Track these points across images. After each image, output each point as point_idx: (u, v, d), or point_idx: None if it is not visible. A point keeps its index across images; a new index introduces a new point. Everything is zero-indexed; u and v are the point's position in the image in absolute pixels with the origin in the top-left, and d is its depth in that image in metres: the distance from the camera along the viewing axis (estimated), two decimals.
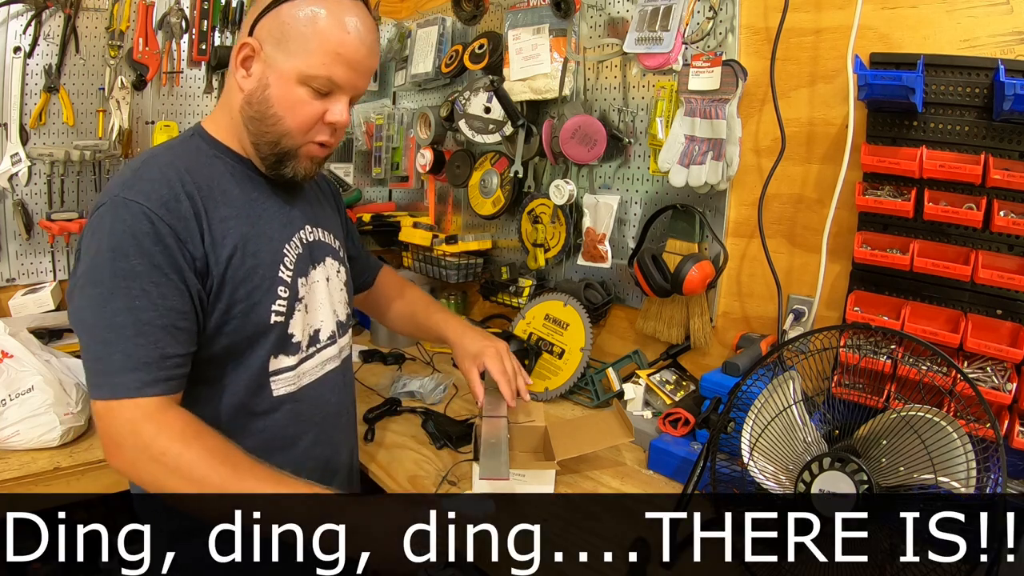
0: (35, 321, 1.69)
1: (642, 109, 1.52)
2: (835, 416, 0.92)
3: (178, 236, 0.79)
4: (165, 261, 0.78)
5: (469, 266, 1.93)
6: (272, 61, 0.84)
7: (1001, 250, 1.04)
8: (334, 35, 0.82)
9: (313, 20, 0.82)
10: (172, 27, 1.97)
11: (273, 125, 0.86)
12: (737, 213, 1.40)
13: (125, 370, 0.75)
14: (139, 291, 0.76)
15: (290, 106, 0.85)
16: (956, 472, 0.76)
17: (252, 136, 0.89)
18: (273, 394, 0.92)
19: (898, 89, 1.02)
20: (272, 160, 0.90)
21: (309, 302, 0.96)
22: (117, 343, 0.75)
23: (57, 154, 1.82)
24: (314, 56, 0.82)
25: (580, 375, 1.52)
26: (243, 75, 0.86)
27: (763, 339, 1.30)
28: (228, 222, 0.85)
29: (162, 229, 0.78)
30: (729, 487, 0.98)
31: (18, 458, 1.23)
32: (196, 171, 0.85)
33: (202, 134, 0.92)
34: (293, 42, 0.82)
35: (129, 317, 0.76)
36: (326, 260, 1.01)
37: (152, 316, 0.77)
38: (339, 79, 0.85)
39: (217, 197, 0.85)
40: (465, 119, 1.82)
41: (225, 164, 0.90)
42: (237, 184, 0.89)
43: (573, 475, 1.20)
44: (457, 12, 1.90)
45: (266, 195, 0.93)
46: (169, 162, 0.84)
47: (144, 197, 0.78)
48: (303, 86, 0.84)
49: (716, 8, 1.34)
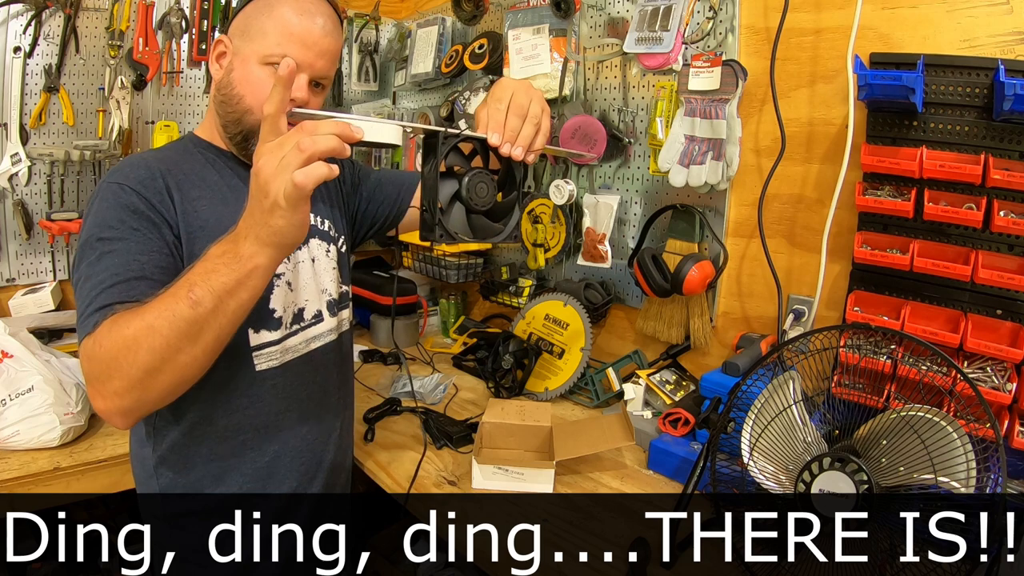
0: (35, 321, 1.69)
1: (642, 109, 1.52)
2: (835, 416, 0.92)
3: (151, 203, 0.87)
4: (141, 222, 0.85)
5: (469, 266, 1.93)
6: (238, 51, 0.93)
7: (1001, 250, 1.04)
8: (287, 17, 0.90)
9: (272, 8, 0.91)
10: (172, 27, 1.97)
11: (236, 104, 0.93)
12: (737, 213, 1.40)
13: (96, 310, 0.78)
14: (120, 248, 0.82)
15: (251, 85, 0.91)
16: (956, 472, 0.75)
17: (221, 119, 0.96)
18: (256, 369, 0.96)
19: (898, 89, 1.02)
20: (239, 139, 0.96)
21: (292, 280, 1.00)
22: (95, 293, 0.80)
23: (57, 154, 1.82)
24: (270, 37, 0.90)
25: (580, 375, 1.52)
26: (216, 69, 0.95)
27: (763, 339, 1.30)
28: (201, 201, 0.92)
29: (137, 200, 0.86)
30: (729, 487, 0.97)
31: (18, 458, 1.23)
32: (176, 163, 0.94)
33: (191, 138, 1.02)
34: (253, 29, 0.91)
35: (108, 272, 0.81)
36: (310, 241, 1.04)
37: (129, 269, 0.81)
38: (295, 56, 0.89)
39: (194, 181, 0.93)
40: (465, 119, 1.82)
41: (207, 158, 0.98)
42: (217, 172, 0.97)
43: (573, 475, 1.20)
44: (457, 12, 1.90)
45: (247, 180, 0.93)
46: (153, 155, 0.96)
47: (123, 177, 0.88)
48: (263, 66, 0.91)
49: (716, 8, 1.34)
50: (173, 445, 0.96)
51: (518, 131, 0.83)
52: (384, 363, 1.79)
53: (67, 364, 1.40)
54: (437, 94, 2.10)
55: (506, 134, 0.82)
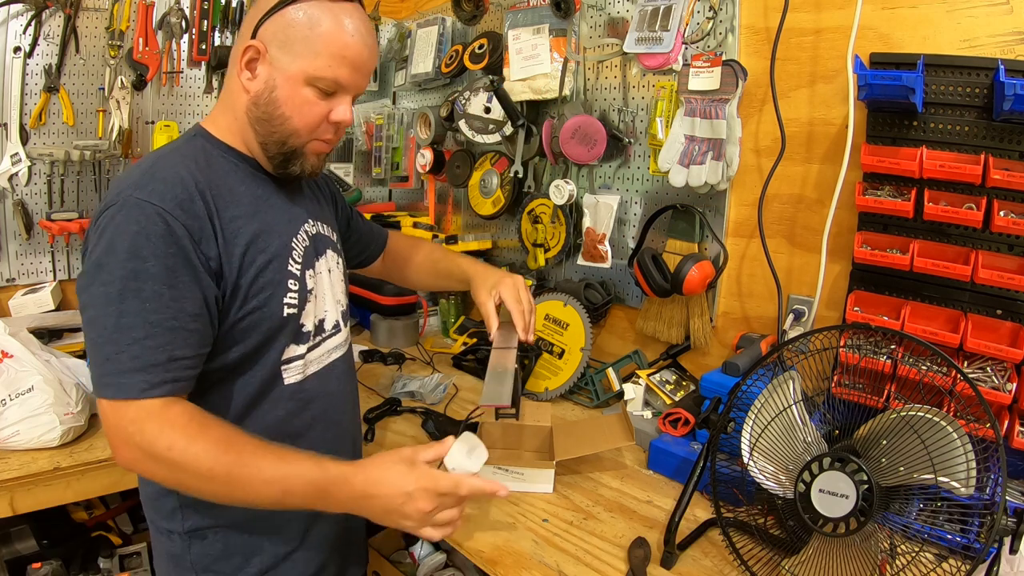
0: (35, 321, 1.69)
1: (642, 109, 1.52)
2: (835, 416, 0.92)
3: (192, 237, 0.80)
4: (179, 263, 0.78)
5: None
6: (277, 63, 0.86)
7: (1001, 250, 1.04)
8: (338, 38, 0.85)
9: (316, 23, 0.84)
10: (172, 27, 1.97)
11: (281, 125, 0.88)
12: (737, 213, 1.40)
13: (132, 371, 0.75)
14: (151, 293, 0.76)
15: (297, 106, 0.87)
16: (956, 472, 0.75)
17: (260, 136, 0.90)
18: (284, 383, 0.94)
19: (898, 89, 1.02)
20: (280, 159, 0.92)
21: (317, 292, 0.98)
22: (125, 343, 0.75)
23: (57, 154, 1.82)
24: (320, 58, 0.85)
25: (580, 375, 1.52)
26: (248, 77, 0.88)
27: (763, 339, 1.30)
28: (238, 221, 0.86)
29: (177, 230, 0.78)
30: (729, 487, 0.97)
31: (18, 458, 1.22)
32: (206, 170, 0.86)
33: (205, 135, 0.93)
34: (298, 44, 0.85)
35: (139, 319, 0.76)
36: (327, 252, 1.03)
37: (162, 318, 0.77)
38: (344, 80, 0.87)
39: (226, 196, 0.86)
40: (465, 119, 1.82)
41: (230, 163, 0.91)
42: (242, 182, 0.91)
43: (573, 475, 1.20)
44: (457, 12, 1.90)
45: (270, 192, 0.95)
46: (179, 162, 0.85)
47: (158, 197, 0.78)
48: (309, 87, 0.87)
49: (716, 8, 1.34)
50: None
51: (531, 323, 1.14)
52: (384, 363, 1.79)
53: (67, 364, 1.40)
54: (437, 94, 2.10)
55: (530, 329, 1.13)
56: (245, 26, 0.89)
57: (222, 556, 0.92)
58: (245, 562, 0.94)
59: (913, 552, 0.77)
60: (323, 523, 1.02)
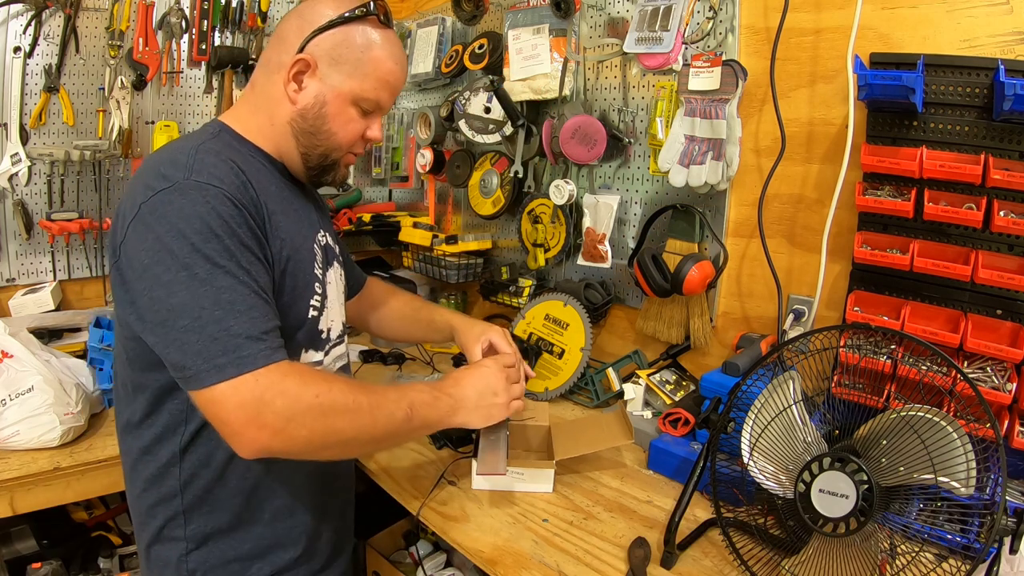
0: (35, 321, 1.69)
1: (642, 109, 1.52)
2: (835, 416, 0.92)
3: (255, 219, 0.82)
4: (252, 241, 0.81)
5: (469, 266, 1.93)
6: (328, 80, 0.91)
7: (1001, 250, 1.04)
8: (385, 63, 0.92)
9: (369, 47, 0.91)
10: (172, 27, 1.97)
11: (326, 139, 0.94)
12: (737, 213, 1.40)
13: (250, 341, 0.74)
14: (237, 268, 0.77)
15: (343, 123, 0.93)
16: (956, 472, 0.75)
17: (302, 147, 0.94)
18: None
19: (898, 89, 1.02)
20: (318, 170, 0.97)
21: (329, 300, 1.00)
22: (232, 319, 0.74)
23: (57, 154, 1.82)
24: (368, 80, 0.92)
25: (580, 375, 1.52)
26: (295, 89, 0.91)
27: (763, 339, 1.30)
28: (277, 216, 0.88)
29: (244, 211, 0.80)
30: (729, 487, 0.97)
31: (18, 458, 1.23)
32: (244, 164, 0.86)
33: (230, 132, 0.93)
34: (350, 65, 0.90)
35: (236, 293, 0.75)
36: (334, 263, 1.06)
37: (255, 290, 0.78)
38: (384, 103, 0.96)
39: (265, 191, 0.87)
40: (465, 119, 1.82)
41: (259, 162, 0.92)
42: (273, 183, 0.93)
43: (573, 475, 1.20)
44: (457, 12, 1.90)
45: (294, 196, 0.98)
46: (222, 150, 0.85)
47: (219, 180, 0.79)
48: (354, 106, 0.93)
49: (716, 8, 1.34)
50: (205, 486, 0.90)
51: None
52: (384, 363, 1.79)
53: (67, 364, 1.40)
54: (437, 94, 2.10)
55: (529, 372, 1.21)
56: (288, 36, 0.90)
57: (220, 564, 0.92)
58: (244, 570, 0.94)
59: (913, 552, 0.77)
60: (323, 530, 1.02)
